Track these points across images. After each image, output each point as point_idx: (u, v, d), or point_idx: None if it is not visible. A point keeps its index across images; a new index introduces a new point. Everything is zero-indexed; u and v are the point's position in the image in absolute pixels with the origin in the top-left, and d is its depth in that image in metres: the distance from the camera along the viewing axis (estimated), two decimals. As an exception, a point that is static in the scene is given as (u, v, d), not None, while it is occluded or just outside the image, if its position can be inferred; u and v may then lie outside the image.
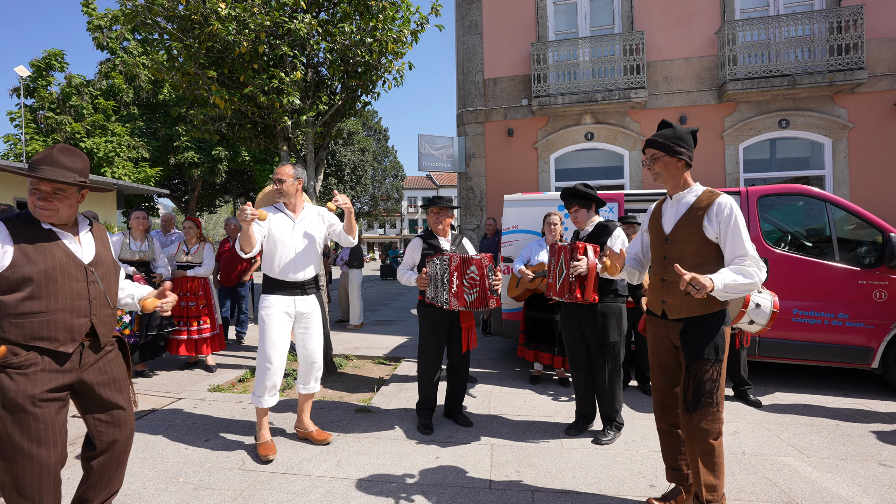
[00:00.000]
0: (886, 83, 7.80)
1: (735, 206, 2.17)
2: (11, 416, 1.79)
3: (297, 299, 3.30)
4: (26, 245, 1.84)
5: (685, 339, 2.27)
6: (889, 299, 4.25)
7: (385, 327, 8.44)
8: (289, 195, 3.27)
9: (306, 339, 3.40)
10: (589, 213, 3.46)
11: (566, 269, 3.22)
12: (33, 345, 1.82)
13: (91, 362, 1.99)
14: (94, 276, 1.99)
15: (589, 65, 8.82)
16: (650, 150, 2.33)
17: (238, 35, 4.22)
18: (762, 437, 3.48)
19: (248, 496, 2.69)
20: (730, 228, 2.15)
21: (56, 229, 1.94)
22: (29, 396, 1.80)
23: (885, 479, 2.83)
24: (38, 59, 14.82)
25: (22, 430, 1.79)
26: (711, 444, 2.20)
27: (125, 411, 2.10)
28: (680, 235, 2.30)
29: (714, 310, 2.23)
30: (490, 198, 9.32)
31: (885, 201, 7.51)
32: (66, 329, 1.89)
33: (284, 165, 3.30)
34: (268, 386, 3.21)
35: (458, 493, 2.72)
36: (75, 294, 1.92)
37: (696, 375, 2.21)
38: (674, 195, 2.38)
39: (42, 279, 1.84)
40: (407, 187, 49.74)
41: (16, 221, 1.88)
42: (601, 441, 3.34)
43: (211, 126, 5.00)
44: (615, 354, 3.36)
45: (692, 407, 2.21)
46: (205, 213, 23.95)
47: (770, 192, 4.72)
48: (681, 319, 2.29)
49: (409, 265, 3.74)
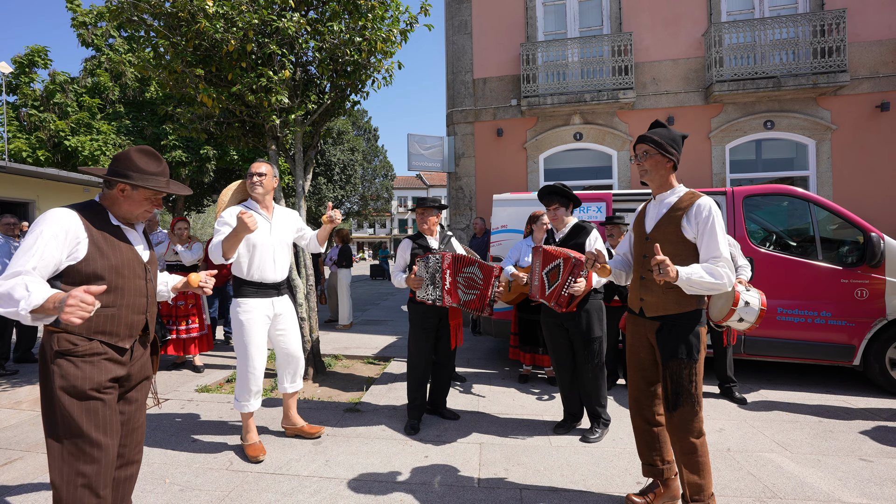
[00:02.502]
0: (868, 86, 7.95)
1: (714, 209, 2.20)
2: (78, 403, 1.75)
3: (274, 301, 3.26)
4: (100, 238, 1.83)
5: (660, 338, 2.31)
6: (870, 298, 4.34)
7: (374, 327, 8.42)
8: (267, 191, 3.22)
9: (286, 339, 3.38)
10: (567, 212, 3.50)
11: (561, 280, 3.13)
12: (95, 338, 1.81)
13: (138, 358, 2.02)
14: (150, 274, 2.03)
15: (578, 65, 8.88)
16: (643, 145, 2.35)
17: (226, 33, 4.18)
18: (747, 433, 3.54)
19: (235, 497, 2.67)
20: (707, 230, 2.18)
21: (123, 226, 1.95)
22: (95, 383, 1.78)
23: (865, 474, 2.89)
24: (20, 56, 14.54)
25: (90, 418, 1.76)
26: (693, 443, 2.23)
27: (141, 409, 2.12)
28: (659, 235, 2.33)
29: (688, 309, 2.27)
30: (479, 197, 9.34)
31: (866, 202, 7.66)
32: (127, 325, 1.90)
33: (261, 161, 3.24)
34: (253, 390, 3.19)
35: (447, 491, 2.73)
36: (137, 291, 1.94)
37: (672, 375, 2.25)
38: (657, 195, 2.41)
39: (112, 275, 1.83)
40: (397, 187, 49.64)
41: (89, 213, 1.86)
42: (589, 439, 3.37)
43: (198, 125, 4.95)
44: (599, 350, 3.41)
45: (672, 406, 2.25)
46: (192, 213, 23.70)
47: (755, 192, 4.79)
48: (657, 318, 2.33)
49: (402, 266, 3.75)
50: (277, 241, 3.26)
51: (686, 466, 2.25)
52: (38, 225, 1.73)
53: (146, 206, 1.95)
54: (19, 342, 5.80)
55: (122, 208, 1.92)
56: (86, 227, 1.80)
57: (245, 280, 3.18)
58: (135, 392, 2.04)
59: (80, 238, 1.77)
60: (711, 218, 2.18)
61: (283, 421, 3.54)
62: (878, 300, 4.32)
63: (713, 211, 2.19)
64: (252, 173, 3.18)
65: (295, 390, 3.48)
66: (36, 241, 1.69)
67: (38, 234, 1.71)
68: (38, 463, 3.10)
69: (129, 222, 1.98)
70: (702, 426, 2.25)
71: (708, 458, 2.27)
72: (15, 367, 5.52)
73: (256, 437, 3.24)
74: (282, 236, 3.30)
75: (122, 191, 1.89)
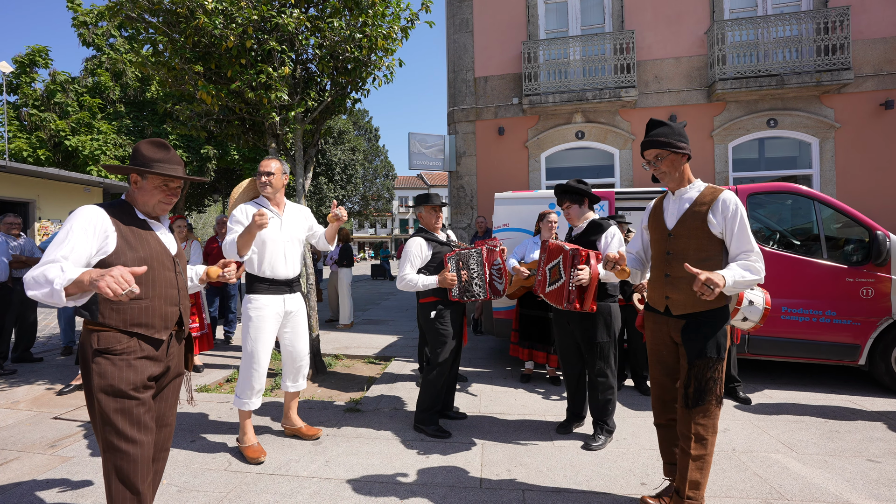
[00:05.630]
0: (872, 83, 7.90)
1: (739, 203, 2.19)
2: (115, 401, 1.81)
3: (286, 298, 3.24)
4: (127, 232, 1.88)
5: (686, 337, 2.27)
6: (875, 297, 4.28)
7: (375, 326, 8.38)
8: (277, 189, 3.20)
9: (294, 338, 3.35)
10: (581, 209, 3.36)
11: (565, 276, 3.05)
12: (133, 331, 1.86)
13: (173, 353, 2.05)
14: (179, 266, 2.07)
15: (579, 64, 8.83)
16: (654, 150, 2.31)
17: (225, 29, 4.15)
18: (752, 434, 3.49)
19: (234, 498, 2.63)
20: (736, 224, 2.16)
21: (149, 220, 2.00)
22: (133, 383, 1.83)
23: (873, 475, 2.84)
24: (21, 56, 14.54)
25: (125, 417, 1.82)
26: (706, 441, 2.21)
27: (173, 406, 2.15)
28: (684, 231, 2.29)
29: (718, 306, 2.24)
30: (481, 196, 9.31)
31: (870, 200, 7.60)
32: (161, 316, 1.94)
33: (270, 158, 3.22)
34: (256, 388, 3.16)
35: (449, 492, 2.69)
36: (168, 283, 1.98)
37: (698, 374, 2.21)
38: (676, 191, 2.37)
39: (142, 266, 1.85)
40: (398, 187, 49.64)
41: (115, 209, 1.91)
42: (591, 447, 3.24)
43: (198, 122, 4.92)
44: (605, 355, 3.29)
45: (692, 403, 2.22)
46: (193, 213, 23.71)
47: (759, 190, 4.74)
48: (684, 316, 2.29)
49: (417, 266, 3.48)
50: (288, 237, 3.23)
51: (694, 462, 2.23)
52: (67, 221, 1.81)
53: (159, 196, 1.97)
54: (18, 342, 5.77)
55: (139, 201, 1.96)
56: (113, 222, 1.85)
57: (257, 276, 3.18)
58: (167, 389, 2.08)
59: (108, 232, 1.82)
60: (739, 212, 2.17)
61: (283, 420, 3.51)
62: (883, 299, 4.27)
63: (739, 205, 2.18)
64: (262, 172, 3.16)
65: (297, 390, 3.45)
66: (67, 235, 1.75)
67: (69, 228, 1.77)
68: (34, 463, 3.06)
69: (153, 216, 2.01)
70: (717, 424, 2.24)
71: (712, 458, 2.25)
72: (13, 367, 5.49)
73: (254, 439, 3.19)
74: (293, 233, 3.28)
75: (134, 182, 1.95)
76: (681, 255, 2.27)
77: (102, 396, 1.79)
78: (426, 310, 3.53)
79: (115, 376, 1.81)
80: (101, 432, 1.82)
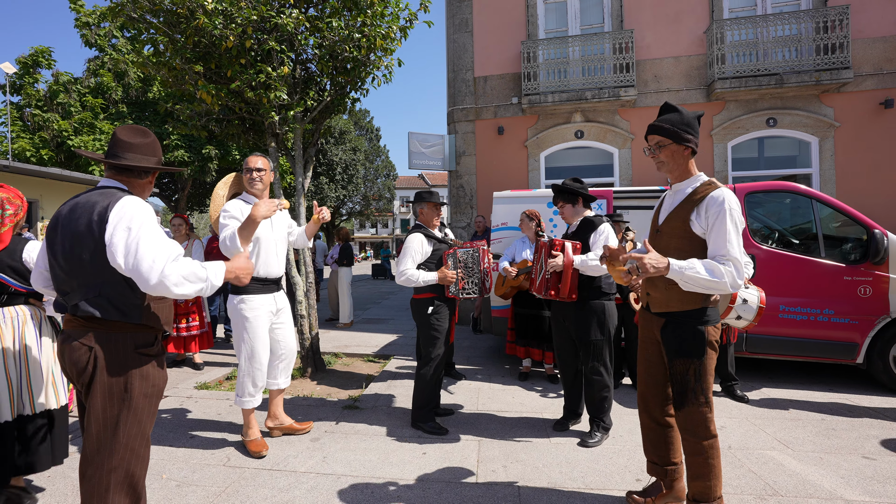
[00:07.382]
0: (871, 83, 7.89)
1: (730, 203, 1.99)
2: (152, 406, 1.78)
3: (275, 296, 3.28)
4: None
5: (665, 336, 2.21)
6: (873, 295, 4.29)
7: (375, 325, 8.41)
8: (266, 186, 3.21)
9: (284, 334, 3.38)
10: (575, 208, 3.41)
11: (544, 265, 3.23)
12: (164, 330, 1.87)
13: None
14: None
15: (579, 63, 8.84)
16: (656, 136, 2.17)
17: (224, 29, 4.17)
18: (748, 431, 3.50)
19: (232, 492, 2.66)
20: (715, 224, 2.00)
21: None
22: (164, 385, 1.84)
23: (868, 472, 2.86)
24: (24, 56, 14.59)
25: (153, 420, 1.81)
26: (700, 445, 2.12)
27: None
28: (668, 228, 2.20)
29: (691, 307, 2.13)
30: (480, 195, 9.32)
31: (870, 199, 7.59)
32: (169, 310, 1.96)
33: (258, 155, 3.18)
34: (258, 386, 3.20)
35: (445, 488, 2.71)
36: None
37: (677, 374, 2.16)
38: (675, 185, 2.25)
39: None
40: (399, 187, 49.61)
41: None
42: (587, 444, 3.25)
43: (198, 121, 4.94)
44: (599, 353, 3.30)
45: (678, 405, 2.17)
46: (195, 212, 23.76)
47: (757, 189, 4.75)
48: (663, 314, 2.23)
49: (417, 262, 3.52)
50: (278, 235, 3.28)
51: (690, 468, 2.15)
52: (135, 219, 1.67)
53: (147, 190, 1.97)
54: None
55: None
56: None
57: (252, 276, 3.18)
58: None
59: None
60: (723, 212, 1.98)
61: (270, 420, 3.45)
62: (881, 298, 4.28)
63: (727, 205, 1.99)
64: (250, 168, 3.11)
65: (286, 385, 3.49)
66: (154, 231, 1.68)
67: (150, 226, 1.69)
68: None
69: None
70: (711, 428, 2.11)
71: (718, 461, 2.13)
72: None
73: (258, 433, 3.23)
74: (281, 231, 3.33)
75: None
76: (663, 254, 2.10)
77: (144, 401, 1.71)
78: (422, 305, 3.56)
79: (158, 378, 1.76)
80: (124, 439, 1.67)
